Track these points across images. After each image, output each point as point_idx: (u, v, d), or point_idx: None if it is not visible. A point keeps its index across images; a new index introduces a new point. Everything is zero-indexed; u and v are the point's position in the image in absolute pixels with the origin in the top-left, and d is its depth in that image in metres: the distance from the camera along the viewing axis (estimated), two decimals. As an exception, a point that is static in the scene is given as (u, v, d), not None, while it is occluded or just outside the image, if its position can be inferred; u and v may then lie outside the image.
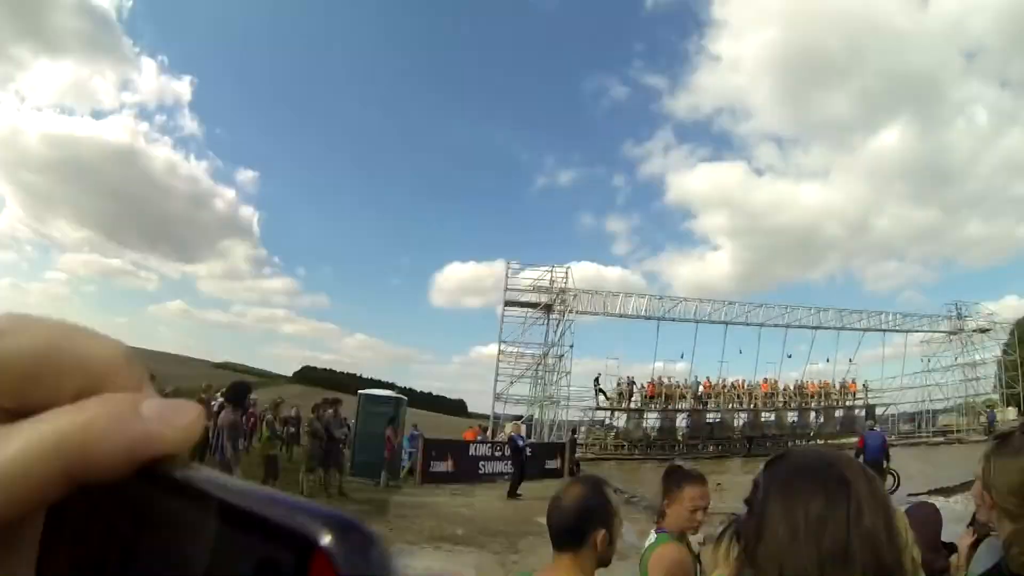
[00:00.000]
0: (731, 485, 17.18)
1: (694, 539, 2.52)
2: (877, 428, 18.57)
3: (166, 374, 14.96)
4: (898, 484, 12.33)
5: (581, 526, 1.67)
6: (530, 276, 27.80)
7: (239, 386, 8.02)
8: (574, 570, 1.65)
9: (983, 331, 33.46)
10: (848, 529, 0.79)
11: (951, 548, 3.26)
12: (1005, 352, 33.77)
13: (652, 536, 2.46)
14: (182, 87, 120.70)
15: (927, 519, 3.00)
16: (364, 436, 14.68)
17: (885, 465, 12.43)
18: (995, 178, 78.40)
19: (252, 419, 15.28)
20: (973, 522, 2.73)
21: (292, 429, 11.79)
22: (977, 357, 33.58)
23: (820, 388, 32.39)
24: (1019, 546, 1.49)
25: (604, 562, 1.72)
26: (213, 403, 9.33)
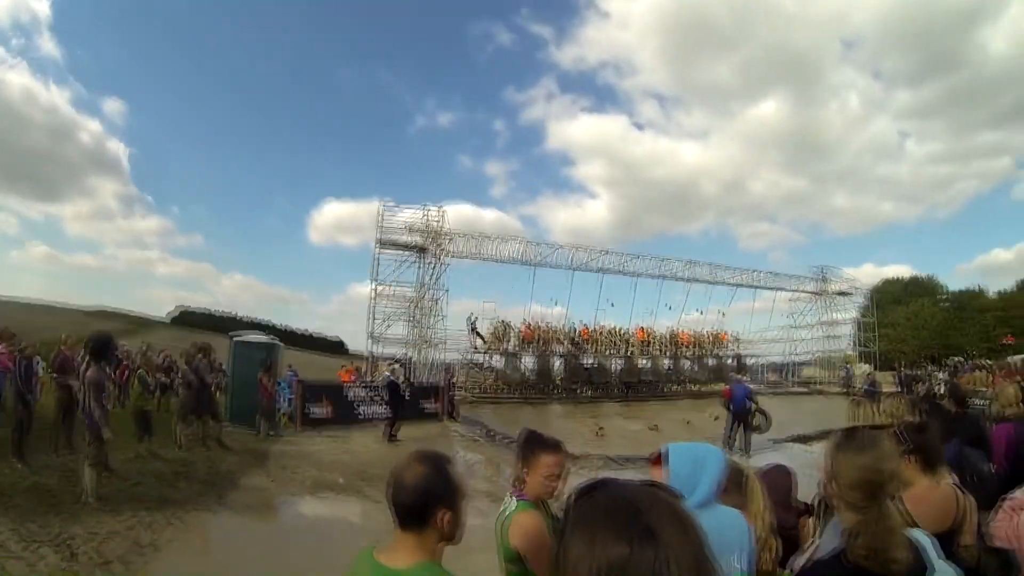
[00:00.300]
0: (611, 430, 18.44)
1: (556, 505, 2.50)
2: (746, 379, 20.17)
3: (33, 325, 13.67)
4: (769, 422, 13.46)
5: (424, 507, 1.61)
6: (405, 216, 27.40)
7: (100, 338, 7.36)
8: (418, 550, 1.61)
9: (843, 294, 37.76)
10: None
11: (806, 509, 3.71)
12: (861, 314, 38.27)
13: (512, 502, 2.45)
14: (39, 4, 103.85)
15: (777, 482, 3.42)
16: (238, 382, 14.30)
17: (754, 408, 13.45)
18: (862, 157, 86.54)
19: (126, 371, 14.49)
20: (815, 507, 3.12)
21: (164, 379, 11.33)
22: (837, 316, 37.69)
23: (693, 338, 34.74)
24: (863, 537, 1.62)
25: (451, 540, 1.68)
26: (77, 358, 8.77)
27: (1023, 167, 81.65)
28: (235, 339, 15.15)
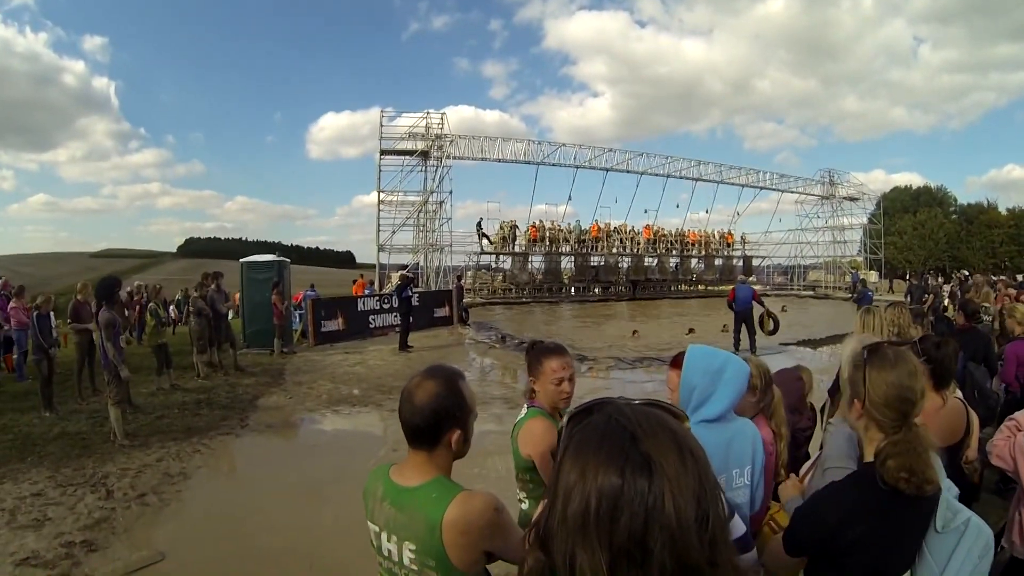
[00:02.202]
0: (643, 332, 18.48)
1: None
2: (753, 280, 19.96)
3: (43, 276, 13.88)
4: (777, 326, 13.28)
5: (434, 427, 1.60)
6: (406, 123, 26.92)
7: (106, 281, 7.72)
8: (428, 467, 1.63)
9: (852, 199, 37.30)
10: (646, 521, 0.69)
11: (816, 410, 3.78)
12: (871, 220, 37.72)
13: (524, 410, 2.46)
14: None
15: (789, 386, 3.44)
16: (251, 305, 14.60)
17: (764, 310, 13.30)
18: (874, 61, 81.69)
19: (138, 308, 14.78)
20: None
21: (178, 312, 11.65)
22: (845, 221, 37.48)
23: (701, 237, 34.56)
24: (895, 459, 1.55)
25: (459, 456, 1.68)
26: (91, 304, 9.00)
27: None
28: (243, 262, 15.29)
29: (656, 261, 33.24)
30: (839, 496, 1.67)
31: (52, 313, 9.50)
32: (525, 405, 2.48)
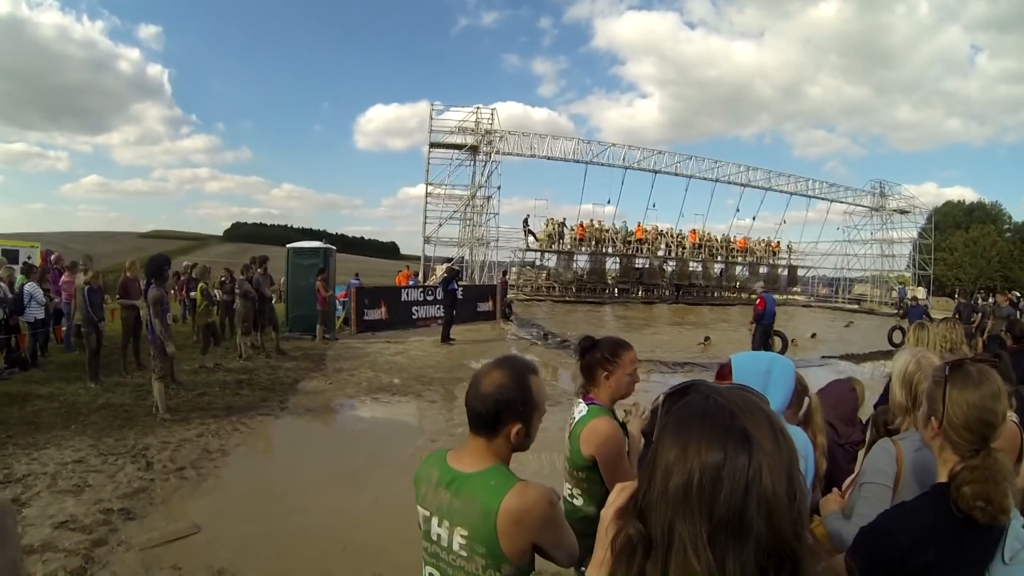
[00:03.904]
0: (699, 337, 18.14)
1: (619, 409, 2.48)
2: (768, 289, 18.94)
3: (93, 253, 14.26)
4: (786, 345, 12.76)
5: (496, 417, 1.59)
6: (455, 117, 26.99)
7: (156, 259, 7.84)
8: (487, 454, 1.62)
9: (902, 212, 35.81)
10: (746, 494, 0.72)
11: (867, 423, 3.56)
12: (921, 235, 36.37)
13: (582, 407, 2.39)
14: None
15: (842, 397, 3.35)
16: (295, 291, 14.72)
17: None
18: (929, 70, 79.29)
19: (184, 286, 15.04)
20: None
21: (225, 295, 11.79)
22: (894, 235, 36.21)
23: (748, 245, 33.94)
24: (972, 485, 1.46)
25: (520, 450, 1.66)
26: (140, 281, 9.14)
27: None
28: (290, 248, 15.40)
29: (701, 267, 32.71)
30: (913, 517, 1.56)
31: (102, 288, 9.68)
32: (581, 402, 2.41)
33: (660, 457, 0.78)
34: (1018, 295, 23.78)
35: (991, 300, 25.93)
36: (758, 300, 13.33)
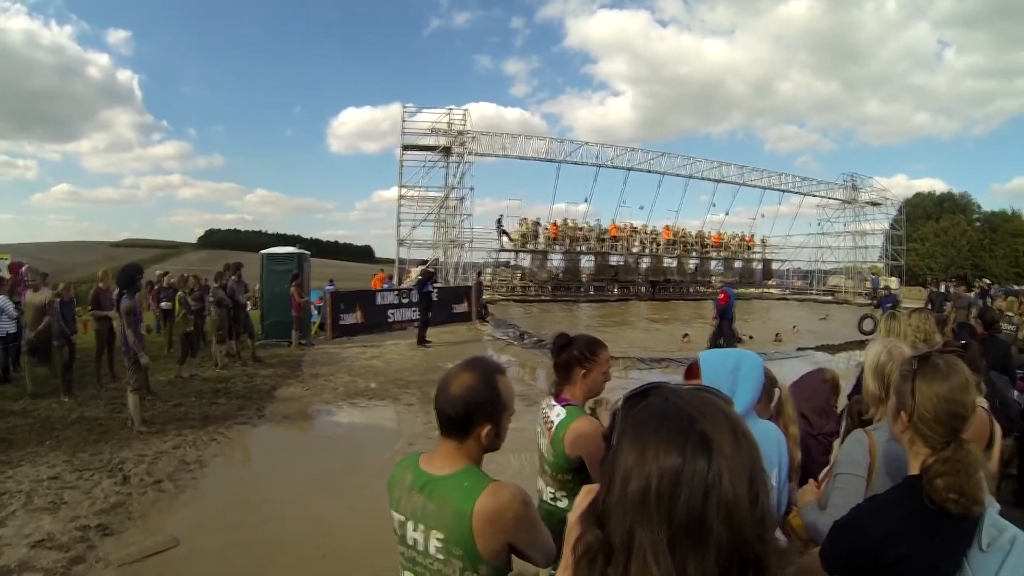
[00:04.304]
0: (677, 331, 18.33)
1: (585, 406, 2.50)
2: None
3: (64, 264, 14.05)
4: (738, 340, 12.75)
5: (466, 420, 1.60)
6: (427, 119, 26.93)
7: (128, 269, 7.73)
8: (459, 457, 1.63)
9: (874, 204, 36.56)
10: (705, 498, 0.71)
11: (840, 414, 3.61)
12: (893, 226, 37.12)
13: (559, 410, 2.40)
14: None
15: (816, 388, 3.41)
16: (270, 297, 14.57)
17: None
18: (898, 65, 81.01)
19: (158, 294, 14.81)
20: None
21: (197, 303, 11.71)
22: (867, 227, 36.89)
23: (722, 239, 34.32)
24: (944, 478, 1.47)
25: (490, 450, 1.68)
26: (112, 291, 9.03)
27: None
28: (263, 254, 15.27)
29: (676, 262, 33.01)
30: (885, 511, 1.57)
31: (74, 300, 9.57)
32: (555, 404, 2.44)
33: (619, 461, 0.77)
34: (988, 282, 24.47)
35: (961, 288, 26.69)
36: (721, 294, 13.32)
